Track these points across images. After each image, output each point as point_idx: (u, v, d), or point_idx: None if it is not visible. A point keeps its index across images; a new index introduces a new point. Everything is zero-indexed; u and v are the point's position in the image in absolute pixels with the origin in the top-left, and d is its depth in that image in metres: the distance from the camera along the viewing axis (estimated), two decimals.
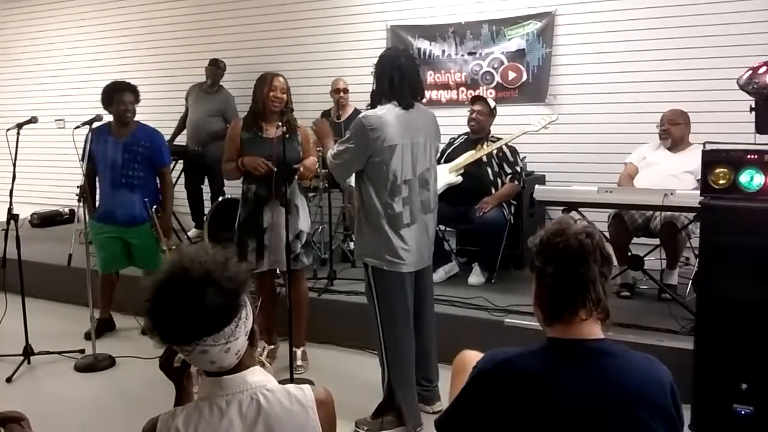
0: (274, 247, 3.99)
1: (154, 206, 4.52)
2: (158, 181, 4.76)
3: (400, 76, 3.25)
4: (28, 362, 4.38)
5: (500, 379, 1.62)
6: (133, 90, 4.67)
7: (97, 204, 4.74)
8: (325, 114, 5.86)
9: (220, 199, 5.87)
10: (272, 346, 4.30)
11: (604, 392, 1.57)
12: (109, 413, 3.72)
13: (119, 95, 4.58)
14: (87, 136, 4.58)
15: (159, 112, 6.59)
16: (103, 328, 4.90)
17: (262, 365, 1.65)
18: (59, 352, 4.48)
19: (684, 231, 4.23)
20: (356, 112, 5.77)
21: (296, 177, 4.07)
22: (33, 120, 4.49)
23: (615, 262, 3.95)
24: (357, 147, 3.19)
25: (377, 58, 3.38)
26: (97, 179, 4.73)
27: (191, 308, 1.46)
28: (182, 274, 1.48)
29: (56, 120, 7.93)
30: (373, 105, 3.44)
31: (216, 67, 6.62)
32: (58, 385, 4.17)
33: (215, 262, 1.51)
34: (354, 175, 3.35)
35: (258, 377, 1.58)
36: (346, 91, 5.86)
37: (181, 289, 1.47)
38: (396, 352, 3.35)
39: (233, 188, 6.60)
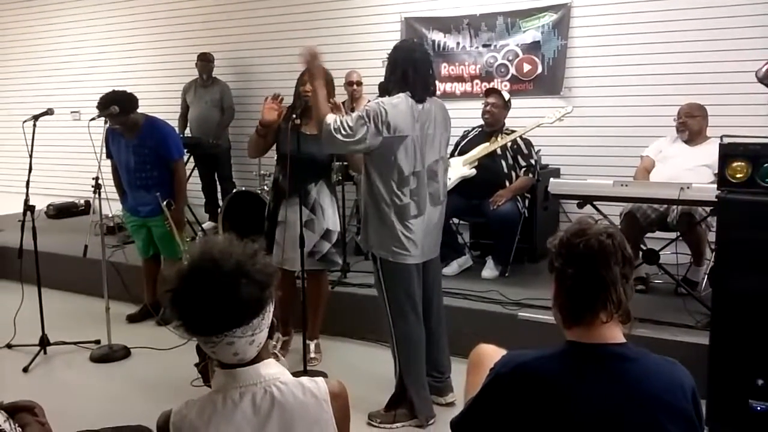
0: (287, 244, 3.97)
1: (166, 200, 4.53)
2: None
3: (414, 69, 3.24)
4: (44, 352, 4.42)
5: (518, 382, 1.60)
6: (120, 104, 4.48)
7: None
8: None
9: (234, 191, 5.89)
10: (287, 338, 4.32)
11: (624, 398, 1.54)
12: (123, 404, 3.75)
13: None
14: (105, 132, 4.65)
15: (167, 104, 6.62)
16: (146, 313, 4.96)
17: (276, 358, 1.65)
18: (75, 343, 4.51)
19: (704, 224, 4.19)
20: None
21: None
22: (49, 112, 4.52)
23: None
24: (373, 128, 3.12)
25: (392, 49, 3.37)
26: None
27: (225, 299, 1.46)
28: (213, 266, 1.48)
29: (72, 112, 7.98)
30: (381, 95, 3.44)
31: (206, 61, 6.73)
32: (74, 375, 4.21)
33: (245, 254, 1.52)
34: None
35: (272, 369, 1.58)
36: (359, 83, 5.85)
37: (214, 280, 1.47)
38: (406, 343, 3.35)
39: (245, 181, 6.65)
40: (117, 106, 4.46)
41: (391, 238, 3.26)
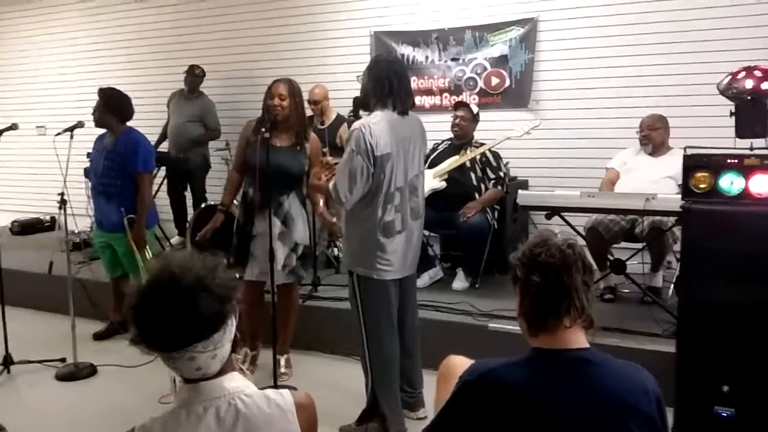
0: (261, 257, 3.94)
1: (128, 216, 4.47)
2: None
3: (398, 82, 3.26)
4: (8, 371, 4.32)
5: (485, 390, 1.62)
6: (102, 95, 4.61)
7: None
8: (309, 120, 5.80)
9: (202, 205, 5.83)
10: (254, 352, 4.27)
11: (589, 401, 1.57)
12: (89, 423, 3.68)
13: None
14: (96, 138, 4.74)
15: (140, 119, 6.55)
16: (113, 331, 4.86)
17: (242, 372, 1.64)
18: (40, 361, 4.42)
19: (672, 236, 4.25)
20: (339, 117, 5.73)
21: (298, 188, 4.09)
22: (13, 127, 4.46)
23: (595, 267, 3.96)
24: (363, 155, 3.13)
25: (371, 63, 3.38)
26: None
27: (184, 314, 1.45)
28: (172, 280, 1.47)
29: (37, 127, 7.86)
30: (355, 110, 3.44)
31: (192, 74, 6.61)
32: (39, 394, 4.12)
33: (205, 268, 1.51)
34: None
35: (236, 383, 1.57)
36: (316, 102, 5.77)
37: (173, 295, 1.46)
38: (380, 358, 3.34)
39: (216, 195, 6.59)
40: (103, 99, 4.55)
41: (375, 255, 3.25)
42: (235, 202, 5.15)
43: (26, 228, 7.58)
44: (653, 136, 4.59)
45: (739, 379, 2.98)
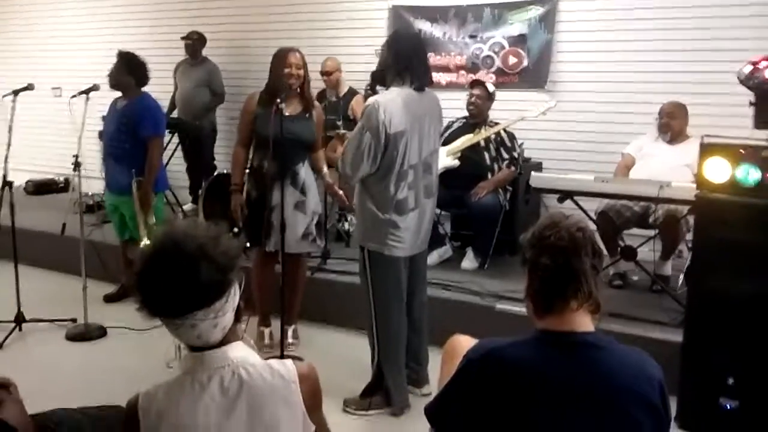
0: (281, 227, 3.90)
1: (137, 178, 4.48)
2: None
3: (417, 57, 3.25)
4: (20, 329, 4.39)
5: (489, 368, 1.63)
6: (122, 57, 4.64)
7: None
8: (321, 93, 5.79)
9: (215, 173, 5.84)
10: (270, 328, 4.24)
11: (592, 384, 1.58)
12: (96, 383, 3.73)
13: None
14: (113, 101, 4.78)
15: (154, 84, 6.57)
16: (123, 293, 4.91)
17: (246, 341, 1.66)
18: (51, 320, 4.49)
19: (686, 225, 4.23)
20: (351, 90, 5.71)
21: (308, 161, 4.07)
22: (29, 87, 4.48)
23: (606, 252, 3.95)
24: (372, 132, 3.13)
25: (392, 36, 3.37)
26: None
27: (185, 281, 1.47)
28: (175, 248, 1.49)
29: (53, 88, 7.86)
30: (372, 85, 3.43)
31: (189, 40, 6.60)
32: (49, 352, 4.19)
33: (208, 236, 1.52)
34: None
35: (239, 352, 1.59)
36: (328, 73, 5.76)
37: (175, 262, 1.47)
38: (387, 333, 3.36)
39: (224, 163, 6.60)
40: (122, 61, 4.59)
41: (388, 232, 3.26)
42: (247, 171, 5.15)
43: (40, 188, 7.65)
44: (672, 125, 4.54)
45: (745, 372, 2.99)
